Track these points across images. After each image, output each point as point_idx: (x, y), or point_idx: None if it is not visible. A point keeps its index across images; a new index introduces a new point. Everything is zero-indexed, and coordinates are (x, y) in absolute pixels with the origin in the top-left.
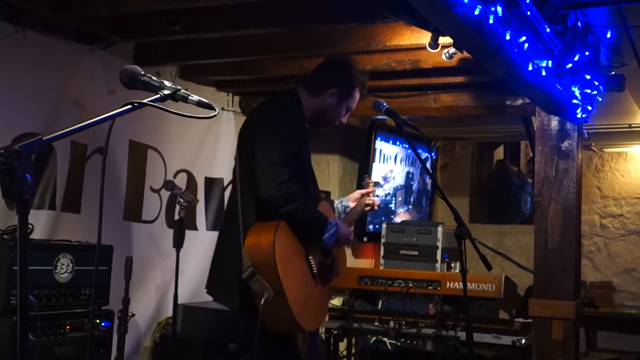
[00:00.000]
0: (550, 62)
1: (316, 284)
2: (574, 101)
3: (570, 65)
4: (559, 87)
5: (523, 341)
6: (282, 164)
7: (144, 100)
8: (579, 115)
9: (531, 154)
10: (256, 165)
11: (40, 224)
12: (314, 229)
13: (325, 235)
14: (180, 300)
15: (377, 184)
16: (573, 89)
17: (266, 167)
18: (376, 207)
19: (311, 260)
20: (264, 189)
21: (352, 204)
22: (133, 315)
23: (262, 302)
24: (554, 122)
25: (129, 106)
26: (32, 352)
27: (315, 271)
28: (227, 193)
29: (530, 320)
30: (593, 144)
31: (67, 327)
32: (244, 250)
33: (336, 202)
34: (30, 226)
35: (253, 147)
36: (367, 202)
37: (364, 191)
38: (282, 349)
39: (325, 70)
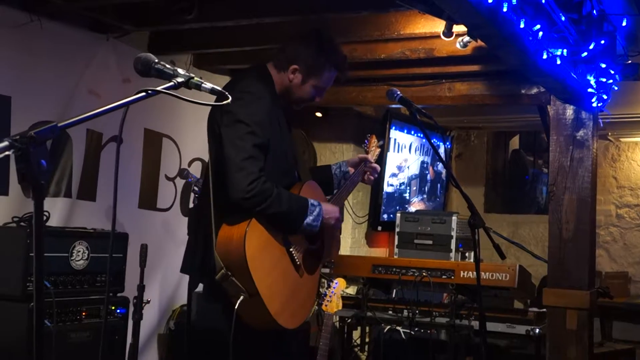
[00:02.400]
0: (565, 50)
1: (301, 276)
2: (590, 90)
3: (585, 53)
4: (574, 76)
5: (537, 331)
6: (249, 160)
7: (158, 88)
8: (594, 104)
9: (547, 144)
10: (224, 163)
11: (57, 211)
12: (292, 220)
13: (308, 219)
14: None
15: (380, 145)
16: (588, 77)
17: (233, 169)
18: (372, 178)
19: (293, 252)
20: (233, 191)
21: (351, 170)
22: (148, 302)
23: (237, 305)
24: (569, 111)
25: (143, 93)
26: (49, 337)
27: (298, 263)
28: None
29: (544, 309)
30: (609, 134)
31: (83, 314)
32: (215, 251)
33: (334, 167)
34: (46, 213)
35: (220, 134)
36: (364, 170)
37: (363, 156)
38: (266, 342)
39: (292, 43)
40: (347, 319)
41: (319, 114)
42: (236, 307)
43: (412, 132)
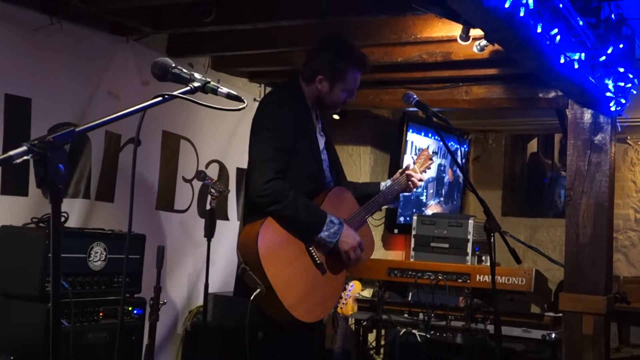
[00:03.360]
0: (583, 54)
1: (322, 274)
2: (608, 94)
3: (603, 57)
4: (592, 80)
5: (553, 335)
6: (269, 162)
7: (174, 93)
8: (612, 108)
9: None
10: (248, 166)
11: (75, 212)
12: (305, 229)
13: (323, 233)
14: (211, 290)
15: (431, 157)
16: (606, 81)
17: (252, 168)
18: (417, 185)
19: (312, 251)
20: (250, 190)
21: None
22: (165, 303)
23: (252, 297)
24: (587, 115)
25: (160, 98)
26: (66, 337)
27: (319, 261)
28: None
29: (560, 314)
30: (628, 137)
31: (100, 314)
32: (237, 248)
33: (382, 183)
34: (65, 214)
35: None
36: (407, 173)
37: (403, 169)
38: (291, 335)
39: (311, 56)
40: (362, 322)
41: (336, 117)
42: (251, 298)
43: (430, 135)
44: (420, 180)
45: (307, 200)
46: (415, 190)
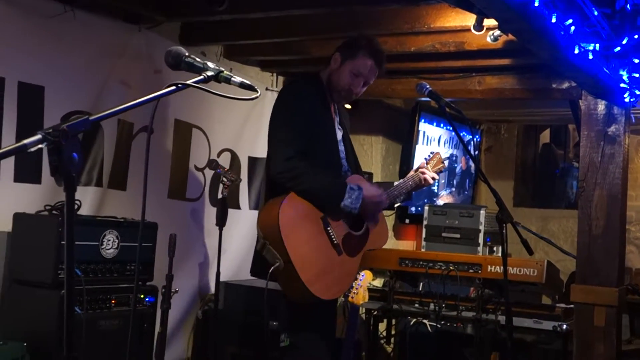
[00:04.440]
0: (597, 45)
1: (339, 254)
2: (622, 85)
3: (618, 48)
4: (606, 71)
5: (564, 327)
6: (288, 141)
7: (188, 82)
8: (626, 100)
9: (578, 138)
10: (268, 147)
11: (88, 200)
12: (328, 197)
13: (346, 201)
14: (222, 278)
15: (443, 161)
16: (621, 72)
17: (272, 146)
18: (430, 181)
19: (330, 231)
20: (271, 166)
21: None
22: (176, 291)
23: (270, 270)
24: (601, 106)
25: (173, 87)
26: (79, 325)
27: (336, 242)
28: None
29: (572, 306)
30: None
31: (113, 302)
32: (257, 224)
33: (396, 183)
34: (77, 202)
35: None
36: (421, 171)
37: (418, 166)
38: (316, 329)
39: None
40: (373, 311)
41: (348, 106)
42: (270, 271)
43: (442, 125)
44: (433, 178)
45: (326, 172)
46: (428, 186)
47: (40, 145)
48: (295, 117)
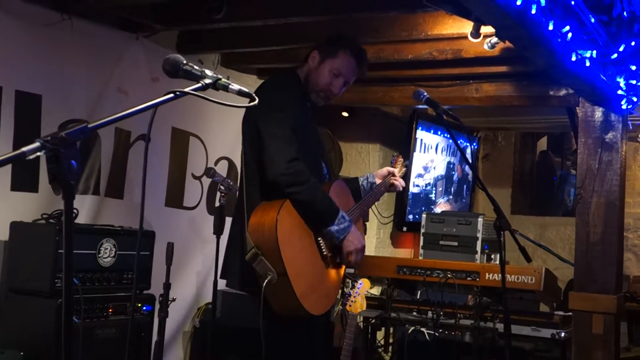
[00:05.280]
0: (594, 52)
1: (326, 267)
2: (619, 92)
3: (615, 55)
4: (604, 78)
5: (562, 334)
6: (288, 142)
7: (186, 89)
8: (623, 107)
9: (575, 146)
10: (262, 147)
11: (85, 208)
12: (318, 218)
13: (333, 227)
14: (220, 287)
15: (406, 164)
16: (618, 79)
17: (272, 149)
18: (400, 189)
19: (321, 241)
20: (272, 167)
21: (378, 181)
22: (174, 300)
23: (264, 284)
24: (598, 113)
25: (171, 95)
26: (76, 333)
27: (325, 253)
28: None
29: (570, 313)
30: (639, 136)
31: (110, 310)
32: (247, 231)
33: (361, 179)
34: (75, 211)
35: (257, 128)
36: (392, 181)
37: (391, 169)
38: (293, 332)
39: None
40: (371, 320)
41: (345, 114)
42: (264, 285)
43: (439, 133)
44: (402, 186)
45: (324, 190)
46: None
47: (38, 153)
48: (288, 113)
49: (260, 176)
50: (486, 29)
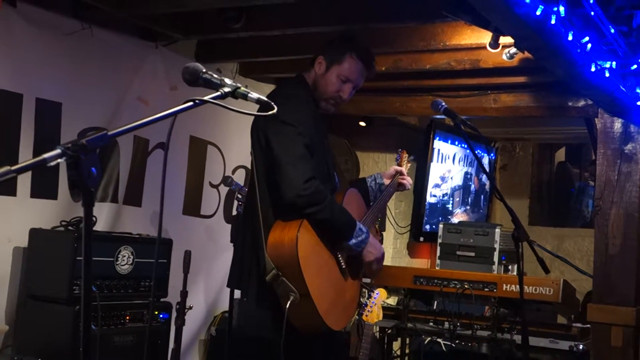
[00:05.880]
0: (614, 63)
1: (345, 279)
2: (638, 103)
3: (635, 66)
4: (623, 89)
5: (581, 347)
6: (303, 160)
7: (205, 97)
8: None
9: (593, 157)
10: (276, 165)
11: (103, 216)
12: (337, 234)
13: (351, 241)
14: (236, 295)
15: (410, 157)
16: (637, 90)
17: (287, 169)
18: (408, 187)
19: (339, 255)
20: (288, 190)
21: (386, 181)
22: (191, 307)
23: (287, 305)
24: (617, 124)
25: (191, 103)
26: (93, 340)
27: (344, 267)
28: None
29: (588, 325)
30: None
31: (127, 318)
32: (266, 252)
33: (369, 179)
34: (93, 218)
35: (267, 141)
36: (399, 181)
37: (398, 168)
38: (311, 345)
39: (322, 45)
40: (387, 330)
41: (362, 124)
42: (287, 306)
43: (456, 143)
44: (410, 184)
45: (340, 205)
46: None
47: (59, 160)
48: (300, 127)
49: (273, 193)
50: (505, 40)
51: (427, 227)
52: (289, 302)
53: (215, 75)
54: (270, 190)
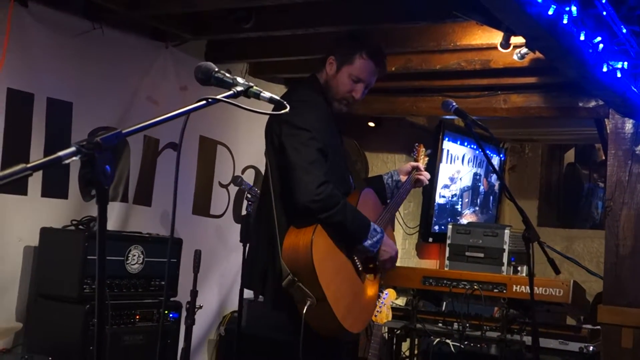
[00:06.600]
0: (626, 63)
1: (362, 281)
2: None
3: None
4: (635, 89)
5: (591, 348)
6: (315, 164)
7: (218, 96)
8: None
9: (603, 157)
10: (289, 170)
11: (113, 215)
12: (352, 236)
13: (367, 242)
14: (245, 295)
15: (427, 151)
16: None
17: (300, 173)
18: (426, 183)
19: (355, 258)
20: (301, 195)
21: (403, 178)
22: (200, 307)
23: (304, 310)
24: (629, 124)
25: (203, 102)
26: (104, 340)
27: (360, 269)
28: None
29: (598, 327)
30: None
31: (137, 317)
32: (281, 258)
33: (385, 176)
34: None
35: (281, 145)
36: (416, 177)
37: (415, 164)
38: (324, 346)
39: (332, 44)
40: (396, 330)
41: (372, 124)
42: (304, 312)
43: (465, 144)
44: (427, 180)
45: (354, 207)
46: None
47: (74, 158)
48: (313, 132)
49: (287, 196)
50: (516, 40)
51: (436, 227)
52: (305, 307)
53: (227, 75)
54: (285, 193)
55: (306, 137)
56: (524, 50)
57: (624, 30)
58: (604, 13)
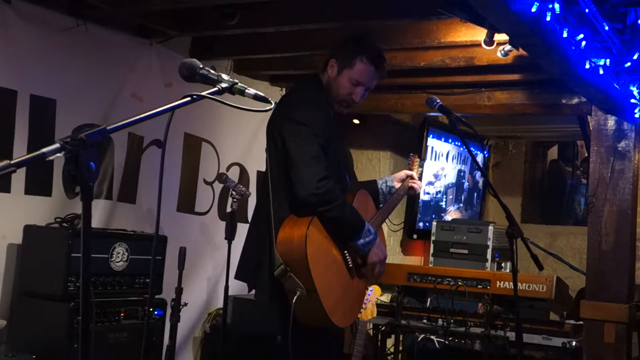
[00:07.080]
0: (608, 60)
1: (352, 278)
2: (632, 101)
3: (629, 64)
4: (617, 86)
5: (574, 343)
6: (316, 159)
7: (203, 93)
8: (637, 115)
9: (586, 154)
10: (291, 164)
11: (97, 213)
12: (346, 233)
13: (359, 241)
14: (230, 292)
15: (422, 161)
16: (631, 88)
17: (301, 168)
18: (419, 191)
19: (347, 254)
20: (301, 188)
21: (397, 185)
22: (186, 304)
23: (294, 300)
24: (611, 121)
25: (188, 98)
26: (89, 337)
27: (351, 265)
28: None
29: (581, 322)
30: None
31: (122, 315)
32: (275, 247)
33: (380, 182)
34: None
35: (283, 141)
36: (410, 184)
37: (409, 172)
38: (312, 340)
39: (334, 46)
40: (381, 327)
41: (356, 121)
42: (293, 301)
43: (450, 141)
44: (420, 188)
45: (351, 205)
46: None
47: (58, 154)
48: (314, 128)
49: (286, 190)
50: (500, 37)
51: (421, 224)
52: (295, 297)
53: (212, 71)
54: (285, 188)
55: (308, 133)
56: (508, 47)
57: (606, 28)
58: (587, 10)
